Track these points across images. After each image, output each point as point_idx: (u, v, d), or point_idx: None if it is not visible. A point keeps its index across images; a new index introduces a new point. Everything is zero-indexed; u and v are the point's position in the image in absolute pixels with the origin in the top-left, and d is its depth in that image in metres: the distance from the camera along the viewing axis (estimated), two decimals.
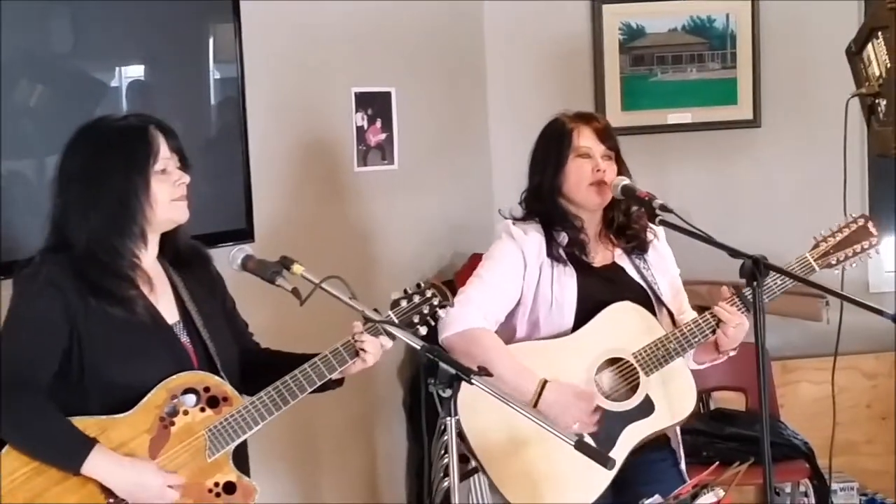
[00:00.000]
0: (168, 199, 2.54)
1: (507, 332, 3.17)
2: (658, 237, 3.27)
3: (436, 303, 2.64)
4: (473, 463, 3.15)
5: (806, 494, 4.42)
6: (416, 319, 2.63)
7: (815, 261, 3.08)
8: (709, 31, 5.03)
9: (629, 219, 3.21)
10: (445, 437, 2.54)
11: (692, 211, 3.07)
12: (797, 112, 5.04)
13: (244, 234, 3.57)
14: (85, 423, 2.45)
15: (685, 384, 3.13)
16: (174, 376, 2.51)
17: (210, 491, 2.52)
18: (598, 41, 5.00)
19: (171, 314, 2.60)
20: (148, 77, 3.43)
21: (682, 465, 3.25)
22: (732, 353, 3.15)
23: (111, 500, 2.46)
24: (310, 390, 2.58)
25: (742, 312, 3.04)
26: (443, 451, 3.48)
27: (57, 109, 3.11)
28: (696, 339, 3.07)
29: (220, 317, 2.70)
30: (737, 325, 3.04)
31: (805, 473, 4.31)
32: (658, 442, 3.17)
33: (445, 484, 3.36)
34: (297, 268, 2.60)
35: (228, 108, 3.62)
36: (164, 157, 2.54)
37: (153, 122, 2.58)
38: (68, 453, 2.42)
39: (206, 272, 2.71)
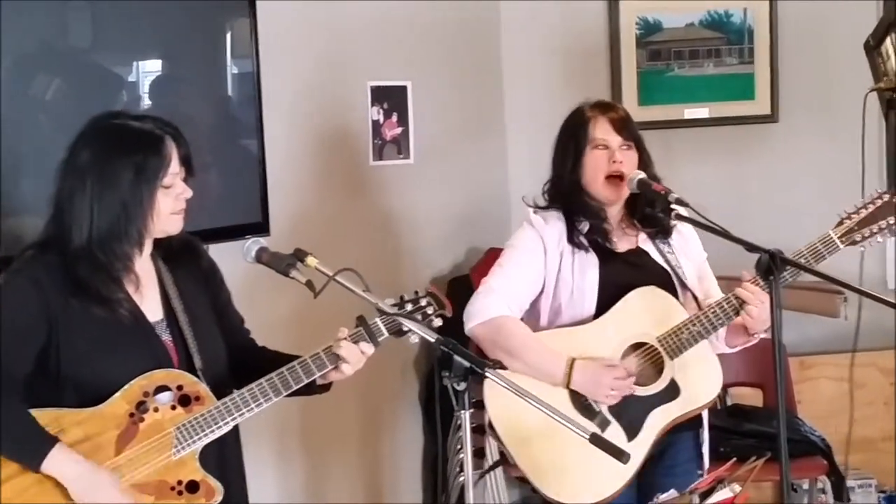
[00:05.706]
0: (168, 212, 2.53)
1: (531, 320, 3.16)
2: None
3: (430, 311, 2.61)
4: (496, 455, 3.13)
5: (823, 491, 4.40)
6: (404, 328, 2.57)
7: (838, 238, 3.04)
8: (726, 25, 5.01)
9: (652, 206, 3.17)
10: (461, 433, 2.53)
11: (708, 206, 3.05)
12: (815, 107, 5.01)
13: (260, 227, 3.57)
14: (57, 415, 2.45)
15: (710, 366, 3.11)
16: (148, 373, 2.49)
17: (172, 489, 2.50)
18: (615, 36, 4.99)
19: (154, 312, 2.59)
20: (165, 72, 3.43)
21: (705, 448, 3.24)
22: (764, 335, 3.10)
23: None
24: (285, 394, 2.55)
25: (765, 291, 2.98)
26: (459, 447, 3.47)
27: (74, 103, 3.11)
28: (720, 322, 3.04)
29: (208, 313, 2.67)
30: (761, 304, 2.99)
31: (823, 470, 4.29)
32: (689, 423, 3.15)
33: (461, 479, 3.36)
34: (310, 260, 2.60)
35: (245, 103, 3.63)
36: (173, 171, 2.52)
37: (169, 131, 2.54)
38: (30, 451, 2.41)
39: (197, 266, 2.68)
